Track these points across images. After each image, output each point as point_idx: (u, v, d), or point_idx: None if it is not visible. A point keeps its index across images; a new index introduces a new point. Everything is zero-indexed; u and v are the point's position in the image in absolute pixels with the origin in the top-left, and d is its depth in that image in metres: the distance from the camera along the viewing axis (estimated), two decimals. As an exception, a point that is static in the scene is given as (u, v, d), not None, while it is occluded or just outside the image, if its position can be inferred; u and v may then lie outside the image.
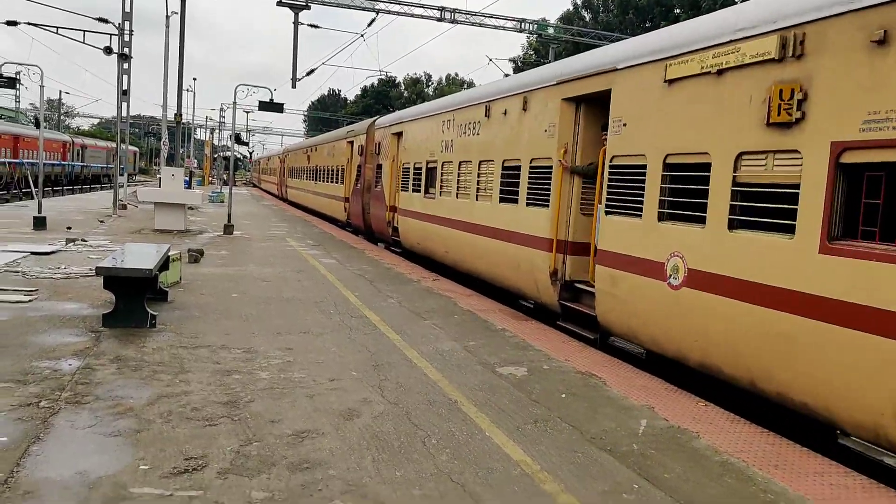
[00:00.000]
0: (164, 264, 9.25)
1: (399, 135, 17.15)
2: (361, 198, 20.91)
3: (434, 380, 6.34)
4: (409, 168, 16.02)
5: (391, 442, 4.79)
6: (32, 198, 24.48)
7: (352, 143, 23.04)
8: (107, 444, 4.45)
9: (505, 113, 10.77)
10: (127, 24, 25.60)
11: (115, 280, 7.51)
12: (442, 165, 13.61)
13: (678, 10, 38.50)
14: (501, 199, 10.75)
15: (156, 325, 7.67)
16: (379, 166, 18.98)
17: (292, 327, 8.18)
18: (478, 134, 11.87)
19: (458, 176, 12.66)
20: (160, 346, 6.91)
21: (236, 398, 5.51)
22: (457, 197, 12.69)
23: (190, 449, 4.46)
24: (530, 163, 9.85)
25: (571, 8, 46.34)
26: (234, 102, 19.72)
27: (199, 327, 7.86)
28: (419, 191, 15.04)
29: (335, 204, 25.78)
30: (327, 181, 27.85)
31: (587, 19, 45.08)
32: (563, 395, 6.07)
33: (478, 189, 11.71)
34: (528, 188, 9.86)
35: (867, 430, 4.84)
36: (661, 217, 6.95)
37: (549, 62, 15.21)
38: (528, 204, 9.88)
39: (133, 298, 7.57)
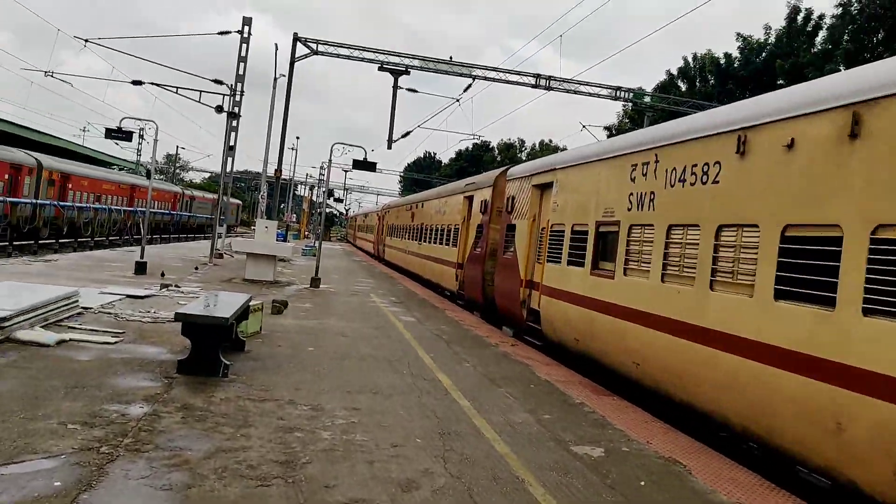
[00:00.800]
0: (243, 314, 9.35)
1: (546, 186, 13.31)
2: (482, 266, 17.02)
3: (502, 454, 5.92)
4: (562, 231, 11.88)
5: (448, 521, 4.42)
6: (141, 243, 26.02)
7: (471, 198, 19.63)
8: (156, 498, 4.32)
9: (790, 146, 6.48)
10: (239, 85, 27.32)
11: (193, 327, 7.59)
12: (628, 230, 9.47)
13: (781, 81, 37.31)
14: (782, 295, 6.26)
15: (228, 374, 7.67)
16: (511, 227, 15.28)
17: (363, 386, 7.98)
18: (715, 182, 7.65)
19: (666, 247, 8.45)
20: (228, 397, 6.85)
21: (294, 458, 5.31)
22: (662, 280, 8.39)
23: (237, 510, 4.26)
24: (873, 232, 5.38)
25: (667, 77, 45.86)
26: (330, 160, 20.38)
27: (271, 380, 7.79)
28: (581, 264, 10.82)
29: (445, 270, 21.92)
30: (436, 242, 24.25)
31: (682, 89, 44.43)
32: (643, 483, 5.52)
33: (715, 271, 7.40)
34: (870, 280, 5.34)
35: None
36: None
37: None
38: (870, 311, 5.29)
39: (209, 346, 7.61)
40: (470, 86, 32.21)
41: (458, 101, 33.86)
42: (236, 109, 27.59)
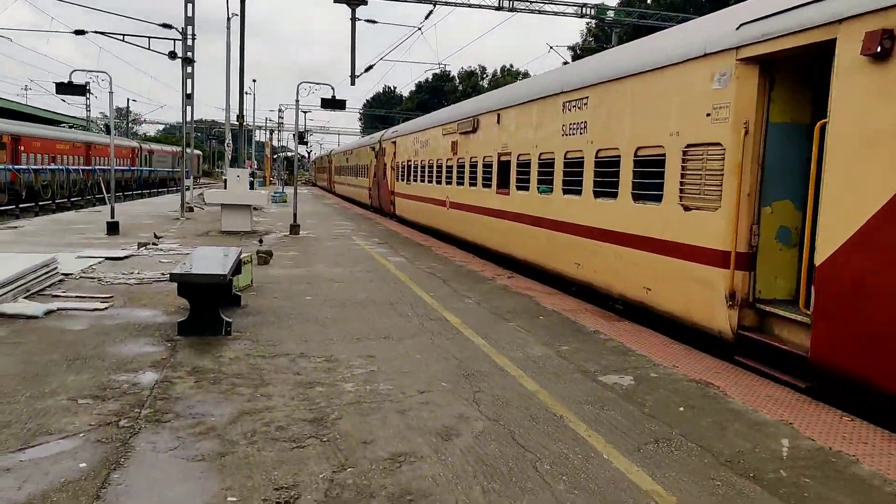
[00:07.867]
0: (237, 268, 8.96)
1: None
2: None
3: (532, 391, 5.77)
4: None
5: (499, 467, 4.25)
6: (105, 203, 24.99)
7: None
8: (191, 471, 4.06)
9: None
10: (189, 28, 25.86)
11: (189, 286, 7.21)
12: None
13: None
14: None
15: (231, 332, 7.35)
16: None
17: (370, 332, 7.74)
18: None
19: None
20: (237, 356, 6.56)
21: (322, 415, 5.08)
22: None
23: (279, 476, 4.02)
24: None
25: (631, -9, 44.75)
26: (297, 100, 19.54)
27: (276, 334, 7.51)
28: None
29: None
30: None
31: (648, 1, 43.49)
32: (682, 409, 5.41)
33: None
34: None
35: None
36: None
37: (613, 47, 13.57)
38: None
39: (207, 305, 7.26)
40: (431, 12, 31.04)
41: (419, 29, 32.68)
42: (189, 54, 26.21)
